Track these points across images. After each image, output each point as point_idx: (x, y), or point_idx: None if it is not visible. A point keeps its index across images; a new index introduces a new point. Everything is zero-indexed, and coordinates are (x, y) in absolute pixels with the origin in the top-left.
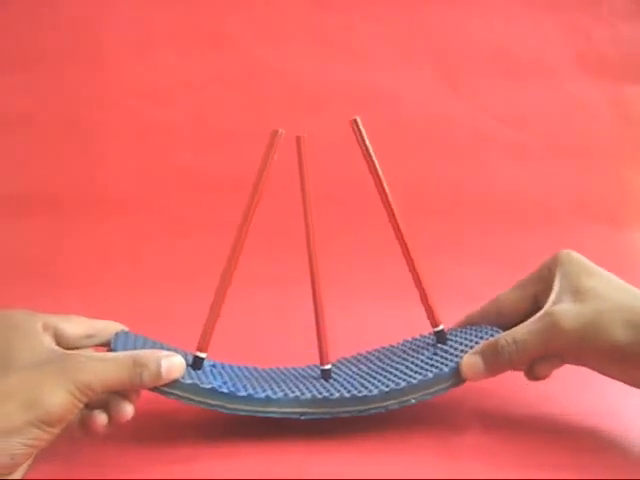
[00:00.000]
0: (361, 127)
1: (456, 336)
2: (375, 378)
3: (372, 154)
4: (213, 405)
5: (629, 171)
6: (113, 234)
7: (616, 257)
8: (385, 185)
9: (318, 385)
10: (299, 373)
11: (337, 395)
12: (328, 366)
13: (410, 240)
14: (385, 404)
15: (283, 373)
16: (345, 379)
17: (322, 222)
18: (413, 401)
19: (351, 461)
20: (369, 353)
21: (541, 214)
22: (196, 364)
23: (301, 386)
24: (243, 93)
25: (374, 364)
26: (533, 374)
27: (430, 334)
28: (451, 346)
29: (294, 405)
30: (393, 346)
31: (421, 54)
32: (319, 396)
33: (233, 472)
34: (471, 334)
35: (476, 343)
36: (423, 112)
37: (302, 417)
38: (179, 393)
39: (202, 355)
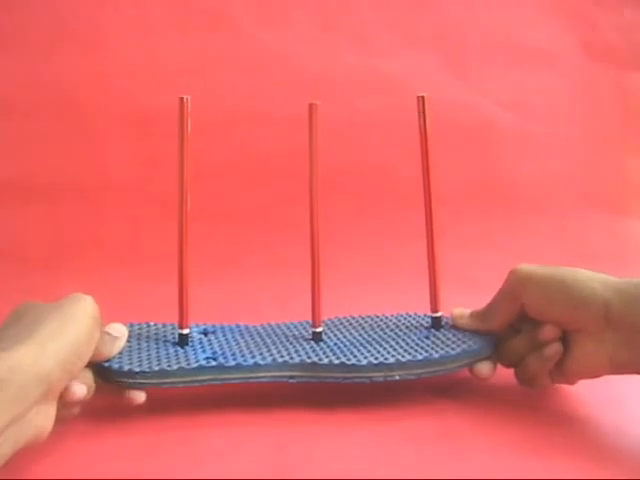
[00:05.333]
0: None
1: (450, 327)
2: (365, 348)
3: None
4: (205, 380)
5: (632, 159)
6: (111, 220)
7: (617, 244)
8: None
9: (308, 348)
10: (291, 332)
11: (326, 361)
12: (320, 329)
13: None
14: (370, 375)
15: (275, 332)
16: (335, 344)
17: (322, 205)
18: (397, 377)
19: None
20: (362, 318)
21: (543, 201)
22: (181, 341)
23: (291, 349)
24: (244, 78)
25: (366, 332)
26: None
27: (426, 315)
28: (444, 334)
29: (283, 369)
30: (387, 317)
31: (425, 40)
32: (308, 361)
33: (231, 440)
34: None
35: (469, 339)
36: (427, 98)
37: (291, 380)
38: (169, 381)
39: (184, 332)
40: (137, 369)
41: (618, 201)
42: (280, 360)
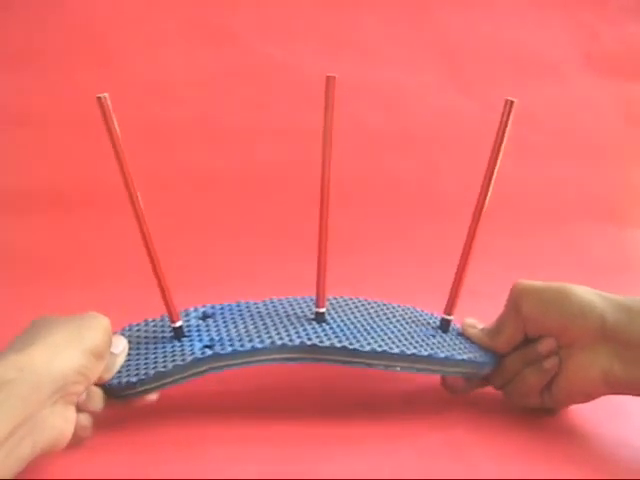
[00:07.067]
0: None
1: (458, 333)
2: (369, 334)
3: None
4: (204, 371)
5: (635, 169)
6: (118, 231)
7: (620, 255)
8: (495, 172)
9: (309, 329)
10: (293, 310)
11: (327, 343)
12: (323, 309)
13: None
14: (372, 362)
15: (276, 310)
16: (338, 325)
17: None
18: (398, 369)
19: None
20: (369, 303)
21: (545, 212)
22: (177, 334)
23: (291, 330)
24: (250, 91)
25: (372, 318)
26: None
27: (434, 316)
28: (450, 338)
29: (282, 352)
30: (395, 307)
31: (428, 51)
32: (308, 343)
33: (237, 455)
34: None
35: (476, 350)
36: (429, 110)
37: (289, 362)
38: (169, 380)
39: (177, 324)
40: (134, 379)
41: (621, 212)
42: (279, 343)
